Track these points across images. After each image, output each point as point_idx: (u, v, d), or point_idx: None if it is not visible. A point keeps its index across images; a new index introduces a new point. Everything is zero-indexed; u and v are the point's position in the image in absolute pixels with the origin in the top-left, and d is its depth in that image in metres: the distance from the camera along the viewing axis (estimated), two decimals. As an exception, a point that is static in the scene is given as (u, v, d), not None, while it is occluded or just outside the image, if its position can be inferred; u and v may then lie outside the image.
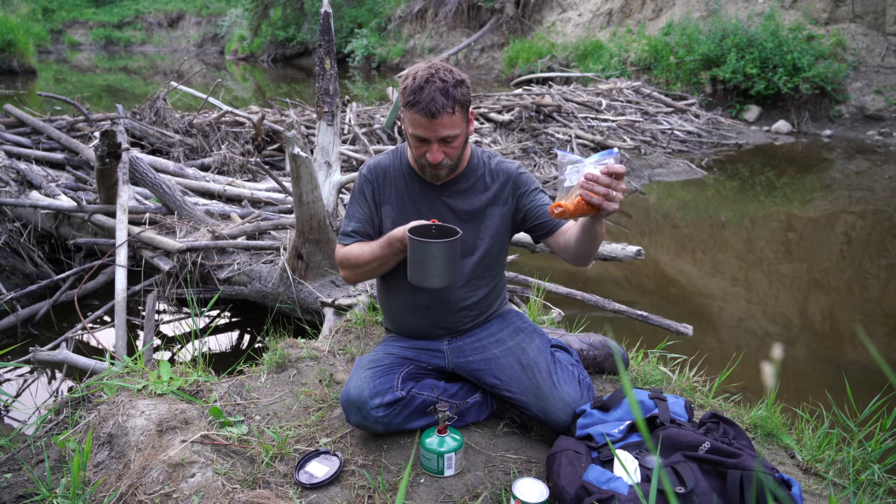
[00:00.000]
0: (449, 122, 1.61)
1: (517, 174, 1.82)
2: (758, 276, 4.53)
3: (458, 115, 1.63)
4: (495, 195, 1.81)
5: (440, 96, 1.58)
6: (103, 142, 3.19)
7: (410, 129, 1.66)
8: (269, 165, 5.90)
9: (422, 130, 1.63)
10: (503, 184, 1.81)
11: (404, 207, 1.82)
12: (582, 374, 1.88)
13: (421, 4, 18.62)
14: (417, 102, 1.59)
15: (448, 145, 1.66)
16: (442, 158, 1.67)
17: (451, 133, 1.63)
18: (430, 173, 1.74)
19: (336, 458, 1.69)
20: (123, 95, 12.80)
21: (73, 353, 2.64)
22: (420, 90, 1.59)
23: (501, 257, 1.91)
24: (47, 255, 3.97)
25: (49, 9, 27.01)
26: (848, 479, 1.80)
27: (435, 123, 1.60)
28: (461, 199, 1.81)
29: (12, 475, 1.68)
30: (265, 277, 3.16)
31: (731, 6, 11.44)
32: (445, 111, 1.59)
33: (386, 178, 1.84)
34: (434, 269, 1.57)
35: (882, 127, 9.35)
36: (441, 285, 1.60)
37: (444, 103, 1.59)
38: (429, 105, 1.58)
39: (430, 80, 1.59)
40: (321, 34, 3.10)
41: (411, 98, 1.60)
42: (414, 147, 1.69)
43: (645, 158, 7.29)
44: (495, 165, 1.83)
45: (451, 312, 1.86)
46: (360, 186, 1.86)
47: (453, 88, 1.60)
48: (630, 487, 1.41)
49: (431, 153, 1.66)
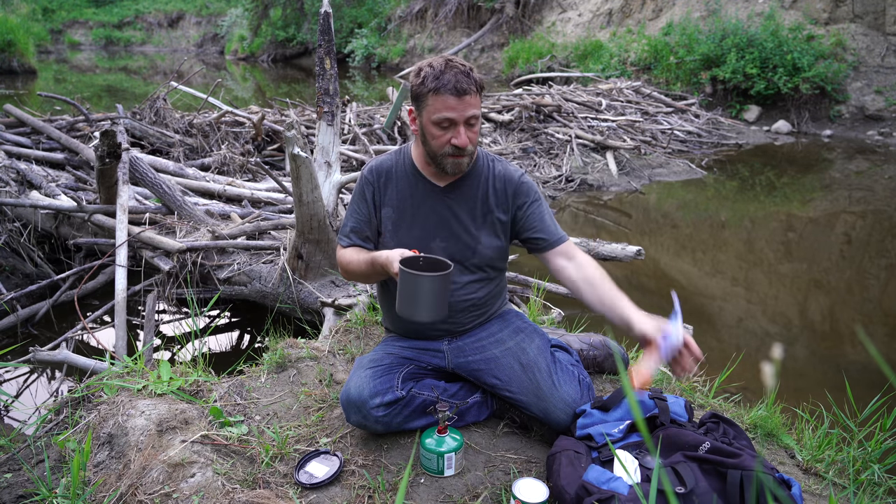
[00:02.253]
0: (474, 101, 1.64)
1: (519, 182, 1.81)
2: (758, 276, 4.53)
3: (479, 96, 1.66)
4: (497, 200, 1.81)
5: (463, 77, 1.61)
6: (103, 142, 3.19)
7: (435, 115, 1.64)
8: (269, 165, 5.90)
9: (449, 111, 1.62)
10: (504, 190, 1.80)
11: (404, 210, 1.81)
12: (582, 374, 1.88)
13: (421, 4, 18.61)
14: (444, 85, 1.60)
15: (471, 129, 1.67)
16: (468, 142, 1.66)
17: (475, 113, 1.65)
18: (453, 163, 1.71)
19: (336, 458, 1.69)
20: (123, 95, 12.80)
21: (73, 353, 2.64)
22: (442, 74, 1.61)
23: (502, 259, 1.90)
24: (47, 255, 3.97)
25: (49, 9, 27.01)
26: (848, 479, 1.80)
27: (463, 102, 1.62)
28: (463, 203, 1.80)
29: (12, 475, 1.68)
30: (265, 277, 3.16)
31: (731, 6, 11.44)
32: (472, 89, 1.62)
33: (388, 179, 1.82)
34: (424, 303, 1.56)
35: (882, 127, 9.35)
36: (430, 319, 1.59)
37: (469, 82, 1.62)
38: (457, 84, 1.60)
39: (450, 65, 1.63)
40: (321, 34, 3.10)
41: (434, 83, 1.61)
42: (436, 137, 1.67)
43: (645, 158, 7.29)
44: (499, 170, 1.82)
45: (451, 314, 1.86)
46: (360, 187, 1.85)
47: (471, 72, 1.64)
48: (630, 487, 1.41)
49: (459, 136, 1.65)
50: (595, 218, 5.66)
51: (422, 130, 1.71)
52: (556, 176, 6.38)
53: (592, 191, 6.37)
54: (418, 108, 1.69)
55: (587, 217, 5.69)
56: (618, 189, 6.43)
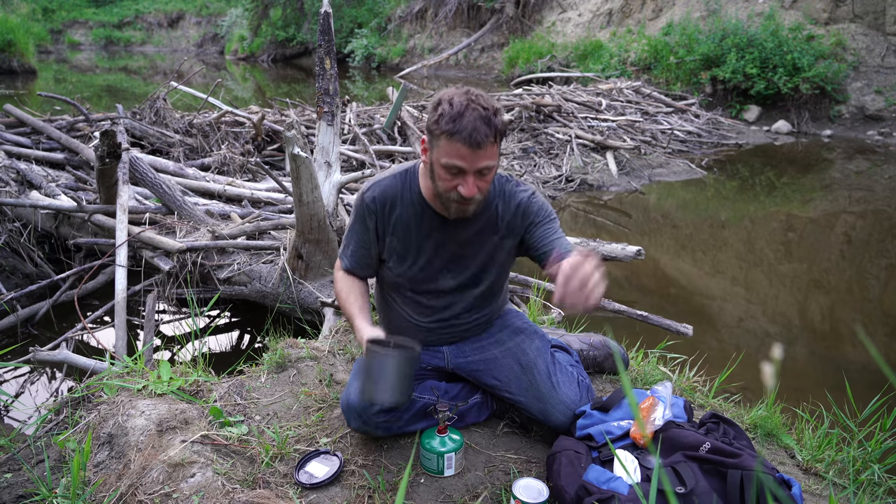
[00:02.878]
0: (490, 152, 1.50)
1: (527, 203, 1.71)
2: (758, 276, 4.53)
3: (496, 147, 1.52)
4: (507, 229, 1.72)
5: (482, 125, 1.46)
6: (103, 142, 3.19)
7: (445, 160, 1.50)
8: (269, 165, 5.90)
9: (460, 160, 1.49)
10: (514, 215, 1.71)
11: (410, 241, 1.72)
12: (581, 375, 1.88)
13: (421, 4, 18.61)
14: (458, 131, 1.45)
15: (483, 178, 1.54)
16: (476, 192, 1.54)
17: (489, 164, 1.52)
18: (458, 209, 1.59)
19: (336, 458, 1.69)
20: (123, 95, 12.80)
21: (73, 353, 2.64)
22: (460, 117, 1.46)
23: (506, 277, 1.88)
24: (47, 255, 3.97)
25: (49, 9, 26.99)
26: (848, 479, 1.81)
27: (477, 154, 1.48)
28: (472, 234, 1.71)
29: (12, 475, 1.68)
30: (265, 277, 3.16)
31: (731, 6, 11.43)
32: (488, 140, 1.48)
33: (392, 206, 1.70)
34: (384, 383, 1.52)
35: (882, 127, 9.35)
36: (391, 401, 1.54)
37: (487, 132, 1.47)
38: (472, 134, 1.45)
39: (470, 107, 1.47)
40: (321, 34, 3.10)
41: (450, 126, 1.46)
42: (444, 179, 1.54)
43: (645, 158, 7.29)
44: (509, 194, 1.71)
45: (453, 335, 1.86)
46: (361, 213, 1.73)
47: (493, 116, 1.48)
48: (630, 487, 1.41)
49: (466, 186, 1.52)
50: (595, 218, 5.66)
51: (431, 166, 1.58)
52: (556, 176, 6.38)
53: (592, 191, 6.37)
54: (430, 143, 1.55)
55: (587, 217, 5.69)
56: (618, 189, 6.43)
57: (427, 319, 1.82)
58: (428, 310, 1.81)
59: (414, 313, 1.83)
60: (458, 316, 1.82)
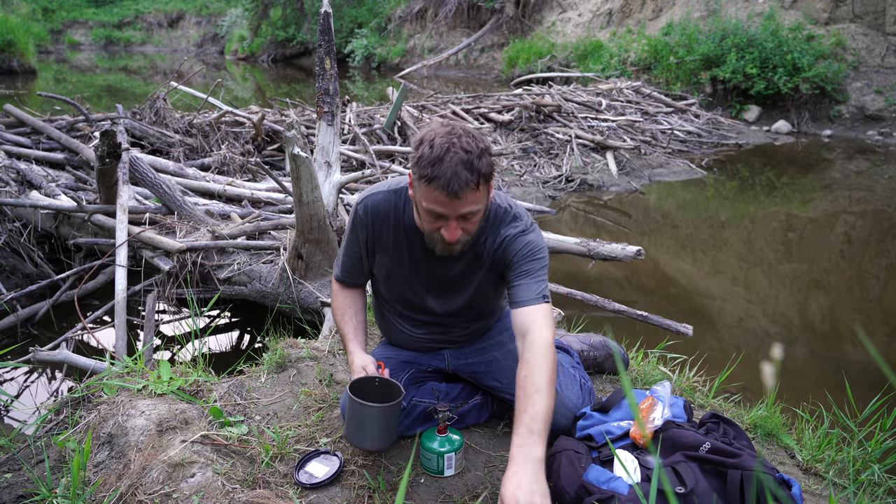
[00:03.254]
0: (472, 199, 1.41)
1: (511, 241, 1.60)
2: (758, 276, 4.53)
3: (481, 190, 1.43)
4: (491, 262, 1.66)
5: (463, 170, 1.37)
6: (103, 142, 3.19)
7: (424, 204, 1.44)
8: (269, 165, 5.90)
9: (439, 207, 1.42)
10: (497, 250, 1.63)
11: (400, 261, 1.69)
12: (583, 377, 1.88)
13: (421, 4, 18.61)
14: (436, 177, 1.37)
15: (467, 221, 1.47)
16: (459, 236, 1.47)
17: (472, 209, 1.44)
18: (443, 248, 1.54)
19: (336, 458, 1.69)
20: (123, 95, 12.80)
21: (73, 353, 2.64)
22: (439, 162, 1.37)
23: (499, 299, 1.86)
24: (47, 255, 3.97)
25: (49, 9, 27.00)
26: (848, 479, 1.81)
27: (456, 203, 1.40)
28: (461, 265, 1.67)
29: (12, 475, 1.68)
30: (265, 277, 3.16)
31: (731, 6, 11.44)
32: (469, 187, 1.38)
33: (384, 225, 1.65)
34: (370, 432, 1.55)
35: (882, 127, 9.35)
36: (375, 448, 1.60)
37: (468, 178, 1.37)
38: (450, 182, 1.36)
39: (451, 150, 1.38)
40: (321, 34, 3.10)
41: (428, 171, 1.38)
42: (427, 221, 1.49)
43: (645, 158, 7.29)
44: (498, 228, 1.62)
45: (448, 342, 1.87)
46: (353, 225, 1.70)
47: (477, 160, 1.39)
48: (630, 487, 1.41)
49: (448, 231, 1.46)
50: (595, 218, 5.66)
51: (415, 199, 1.50)
52: (556, 176, 6.38)
53: (592, 191, 6.37)
54: (414, 181, 1.46)
55: (587, 217, 5.69)
56: (618, 189, 6.43)
57: (421, 332, 1.83)
58: (421, 324, 1.82)
59: (408, 325, 1.84)
60: (451, 331, 1.82)
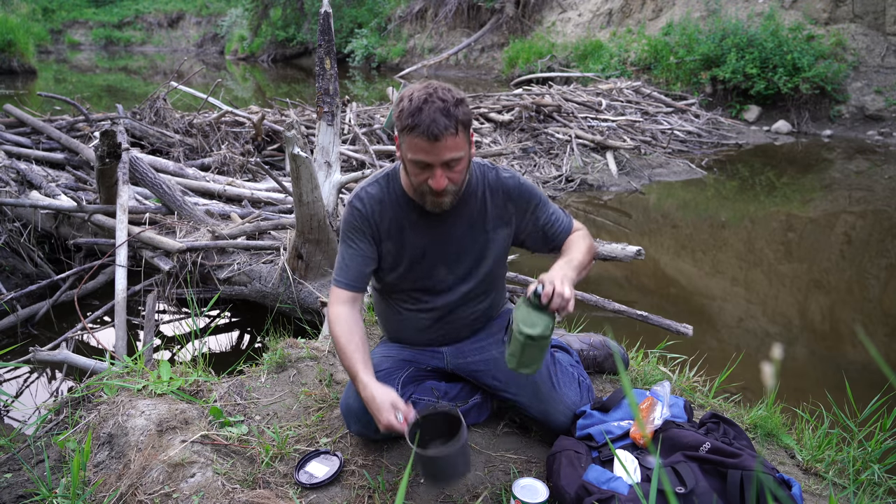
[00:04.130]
0: (452, 143, 1.50)
1: (518, 190, 1.72)
2: (758, 276, 4.53)
3: (460, 136, 1.51)
4: (498, 216, 1.72)
5: (441, 116, 1.47)
6: (103, 142, 3.19)
7: (410, 155, 1.52)
8: (269, 165, 5.90)
9: (423, 155, 1.50)
10: (504, 202, 1.72)
11: (405, 240, 1.71)
12: (582, 375, 1.88)
13: (421, 4, 18.61)
14: (417, 125, 1.47)
15: (451, 170, 1.54)
16: (446, 184, 1.54)
17: (454, 156, 1.51)
18: (433, 201, 1.60)
19: (336, 458, 1.69)
20: (123, 95, 12.80)
21: (73, 353, 2.64)
22: (419, 111, 1.47)
23: (503, 270, 1.88)
24: (47, 255, 3.97)
25: (49, 9, 27.00)
26: (848, 479, 1.81)
27: (438, 146, 1.48)
28: (461, 224, 1.71)
29: (12, 475, 1.68)
30: (265, 277, 3.16)
31: (731, 6, 11.44)
32: (448, 132, 1.47)
33: (382, 210, 1.70)
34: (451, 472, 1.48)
35: (882, 127, 9.34)
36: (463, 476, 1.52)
37: (447, 124, 1.47)
38: (430, 126, 1.46)
39: (429, 101, 1.47)
40: (321, 34, 3.10)
41: (409, 121, 1.48)
42: (413, 174, 1.57)
43: (645, 158, 7.29)
44: (493, 181, 1.72)
45: (453, 330, 1.86)
46: (352, 222, 1.70)
47: (454, 108, 1.48)
48: (630, 487, 1.41)
49: (435, 179, 1.53)
50: (595, 218, 5.66)
51: (402, 159, 1.60)
52: (556, 176, 6.38)
53: (592, 191, 6.37)
54: (400, 139, 1.56)
55: (587, 217, 5.69)
56: (618, 189, 6.43)
57: (426, 316, 1.82)
58: (428, 310, 1.81)
59: (412, 312, 1.83)
60: (456, 310, 1.81)
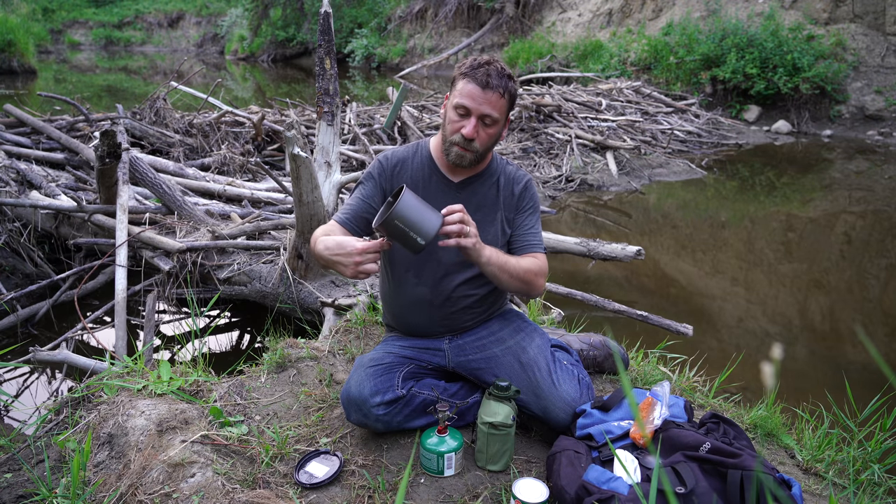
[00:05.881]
0: (496, 102, 1.67)
1: (524, 188, 1.87)
2: (758, 276, 4.53)
3: (504, 102, 1.69)
4: (505, 201, 1.85)
5: (497, 75, 1.66)
6: (103, 142, 3.19)
7: (456, 99, 1.68)
8: (269, 165, 5.90)
9: (468, 100, 1.66)
10: (512, 193, 1.86)
11: None
12: (581, 373, 1.89)
13: (421, 4, 18.61)
14: (474, 73, 1.66)
15: (485, 127, 1.69)
16: (475, 137, 1.68)
17: (492, 114, 1.67)
18: (457, 153, 1.73)
19: (336, 458, 1.69)
20: (123, 95, 12.80)
21: (73, 353, 2.64)
22: (480, 66, 1.66)
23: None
24: (47, 255, 3.96)
25: (49, 9, 26.99)
26: (848, 479, 1.80)
27: (484, 95, 1.65)
28: (474, 200, 1.82)
29: (12, 475, 1.68)
30: (265, 277, 3.16)
31: (731, 6, 11.44)
32: (497, 89, 1.65)
33: (402, 168, 1.84)
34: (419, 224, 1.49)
35: (882, 127, 9.35)
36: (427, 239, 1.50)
37: (499, 82, 1.66)
38: (486, 77, 1.65)
39: (492, 63, 1.68)
40: (321, 34, 3.10)
41: (468, 70, 1.67)
42: (451, 121, 1.71)
43: (645, 158, 7.29)
44: (511, 173, 1.88)
45: (453, 310, 1.86)
46: (371, 172, 1.85)
47: (508, 78, 1.68)
48: (630, 487, 1.41)
49: (468, 127, 1.67)
50: (595, 218, 5.66)
51: (445, 113, 1.76)
52: (556, 176, 6.38)
53: (592, 191, 6.37)
54: (451, 90, 1.74)
55: (587, 217, 5.69)
56: (618, 189, 6.43)
57: (426, 290, 1.83)
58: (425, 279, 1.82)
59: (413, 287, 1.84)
60: (456, 289, 1.83)
